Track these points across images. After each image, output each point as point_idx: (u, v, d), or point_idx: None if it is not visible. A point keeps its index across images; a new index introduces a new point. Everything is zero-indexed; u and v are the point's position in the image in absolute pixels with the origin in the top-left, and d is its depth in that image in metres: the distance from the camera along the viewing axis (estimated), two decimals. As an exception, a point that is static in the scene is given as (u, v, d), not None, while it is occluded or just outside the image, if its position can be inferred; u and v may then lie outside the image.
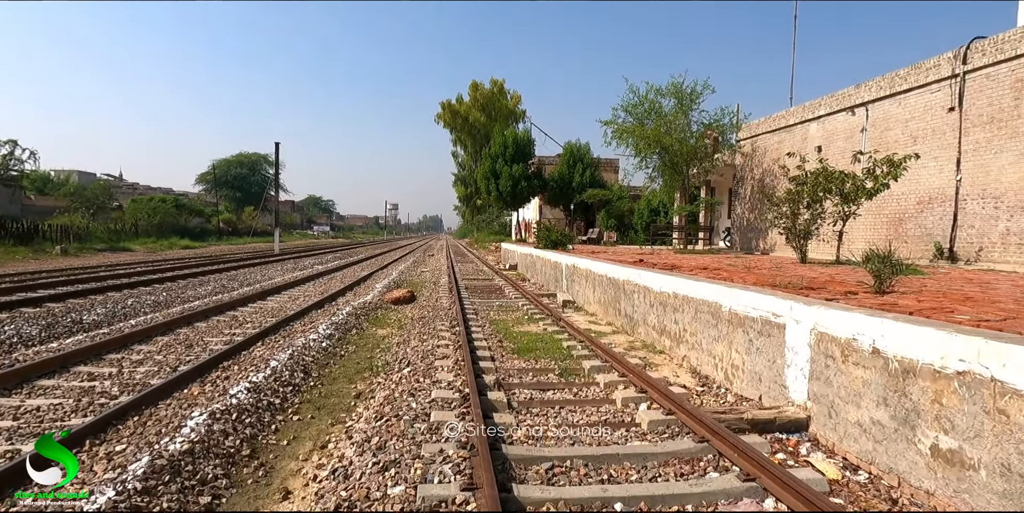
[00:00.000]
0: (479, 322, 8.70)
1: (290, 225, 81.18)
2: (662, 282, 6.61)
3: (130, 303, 9.87)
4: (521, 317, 9.37)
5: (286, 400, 4.95)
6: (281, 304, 10.60)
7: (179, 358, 6.16)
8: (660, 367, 5.93)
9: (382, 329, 8.67)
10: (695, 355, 5.73)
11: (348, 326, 8.49)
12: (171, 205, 39.39)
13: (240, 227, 51.17)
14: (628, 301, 7.79)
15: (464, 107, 48.87)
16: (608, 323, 8.65)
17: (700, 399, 4.83)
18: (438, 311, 9.70)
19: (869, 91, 12.48)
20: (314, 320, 8.78)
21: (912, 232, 11.26)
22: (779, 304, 4.29)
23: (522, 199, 29.63)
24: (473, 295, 12.43)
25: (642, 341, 7.20)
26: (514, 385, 5.19)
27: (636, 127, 16.18)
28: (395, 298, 11.37)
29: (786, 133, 15.56)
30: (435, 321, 8.60)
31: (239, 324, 8.34)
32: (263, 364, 5.76)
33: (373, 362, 6.48)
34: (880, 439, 3.25)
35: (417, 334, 7.57)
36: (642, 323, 7.28)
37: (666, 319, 6.48)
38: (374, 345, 7.47)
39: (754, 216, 16.98)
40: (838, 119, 13.53)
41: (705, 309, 5.48)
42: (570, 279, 11.54)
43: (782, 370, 4.23)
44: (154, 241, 29.93)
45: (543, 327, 8.32)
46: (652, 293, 6.88)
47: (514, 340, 7.41)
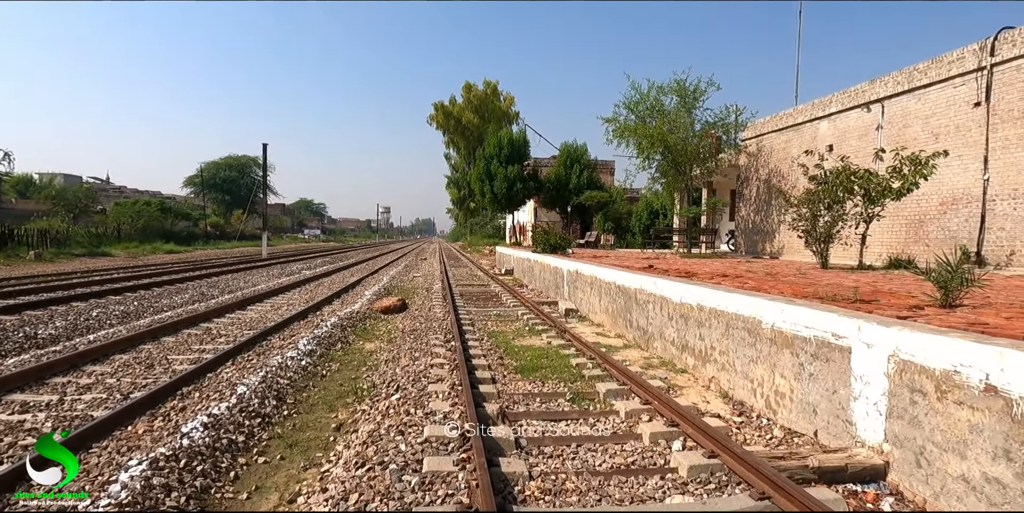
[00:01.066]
0: (476, 335, 7.95)
1: (280, 229, 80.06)
2: (683, 292, 5.89)
3: (95, 314, 9.04)
4: (521, 328, 8.63)
5: (252, 436, 4.18)
6: (262, 314, 9.80)
7: (135, 382, 5.37)
8: (685, 390, 5.21)
9: (370, 343, 7.91)
10: (726, 377, 5.01)
11: (332, 340, 7.72)
12: (156, 208, 38.31)
13: (228, 231, 50.11)
14: (641, 312, 7.07)
15: (457, 108, 48.22)
16: (618, 335, 7.93)
17: (741, 433, 4.11)
18: (431, 322, 8.95)
19: (885, 86, 11.87)
20: (295, 333, 8.00)
21: (934, 235, 10.63)
22: (842, 323, 3.58)
23: (517, 201, 28.89)
24: (468, 303, 11.68)
25: (659, 357, 6.48)
26: (520, 415, 4.44)
27: (639, 125, 15.50)
28: (385, 307, 10.60)
29: (794, 132, 14.95)
30: (428, 334, 7.84)
31: (211, 339, 7.55)
32: (229, 390, 4.98)
33: (358, 384, 5.71)
34: (1000, 502, 2.54)
35: (408, 350, 6.80)
36: (658, 337, 6.56)
37: (688, 334, 5.76)
38: (360, 362, 6.71)
39: (760, 218, 16.35)
40: (851, 117, 12.92)
41: (739, 325, 4.77)
42: (572, 286, 10.81)
43: (846, 403, 3.52)
44: (136, 245, 28.90)
45: (547, 340, 7.58)
46: (671, 304, 6.17)
47: (516, 356, 6.67)
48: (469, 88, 48.56)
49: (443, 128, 49.37)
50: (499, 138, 28.80)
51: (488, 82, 49.03)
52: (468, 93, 48.52)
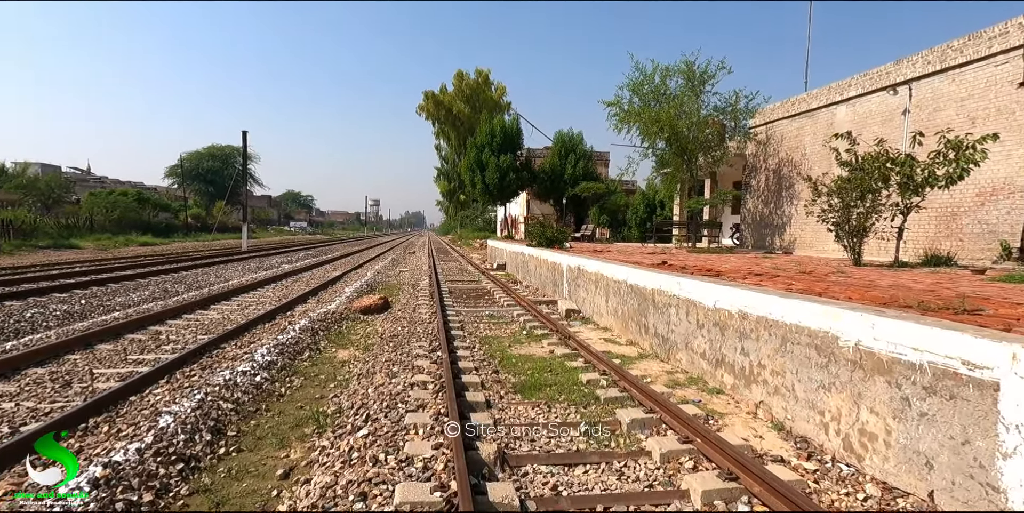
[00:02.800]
0: (466, 341, 6.90)
1: (265, 221, 78.36)
2: (718, 295, 4.87)
3: (28, 316, 7.88)
4: (518, 333, 7.59)
5: (165, 493, 3.11)
6: (225, 315, 8.68)
7: (36, 407, 4.27)
8: (727, 419, 4.19)
9: (344, 350, 6.83)
10: (780, 403, 4.00)
11: (300, 347, 6.63)
12: (132, 199, 36.69)
13: (211, 223, 48.55)
14: (660, 317, 6.05)
15: (448, 97, 46.85)
16: (630, 342, 6.91)
17: (821, 488, 3.09)
18: (415, 325, 7.87)
19: (913, 67, 10.89)
20: (256, 339, 6.89)
21: (969, 229, 9.71)
22: (979, 347, 2.56)
23: (510, 192, 27.66)
24: (458, 301, 10.62)
25: (684, 372, 5.46)
26: (525, 459, 3.40)
27: (645, 108, 14.42)
28: (365, 306, 9.51)
29: (807, 118, 13.96)
30: (411, 340, 6.77)
31: (156, 346, 6.43)
32: (149, 422, 3.90)
33: (322, 406, 4.65)
34: None
35: (385, 363, 5.73)
36: (682, 347, 5.54)
37: (726, 347, 4.74)
38: (329, 376, 5.64)
39: (768, 211, 15.40)
40: (872, 101, 11.94)
41: (802, 340, 3.75)
42: (573, 284, 9.78)
43: (988, 460, 2.51)
44: (108, 238, 27.44)
45: (548, 348, 6.55)
46: (701, 309, 5.14)
47: (514, 369, 5.64)
48: (460, 77, 47.18)
49: (433, 118, 48.00)
50: (491, 126, 27.50)
51: (480, 71, 47.67)
52: (459, 82, 47.13)
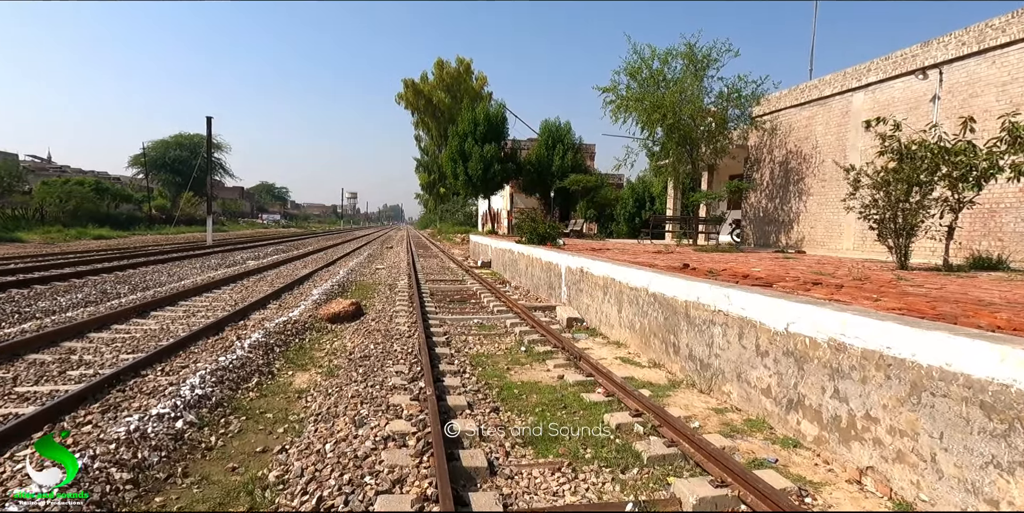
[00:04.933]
0: (454, 362, 5.66)
1: (237, 213, 75.68)
2: (792, 314, 3.70)
3: (-89, 328, 6.40)
4: (515, 349, 6.38)
5: None
6: (165, 324, 7.29)
7: None
8: (824, 491, 3.03)
9: (303, 374, 5.54)
10: (907, 475, 2.85)
11: (247, 371, 5.32)
12: (89, 189, 34.32)
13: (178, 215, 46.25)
14: (698, 336, 4.88)
15: (428, 87, 45.21)
16: (653, 363, 5.73)
17: None
18: (391, 340, 6.58)
19: (945, 49, 9.90)
20: (193, 360, 5.55)
21: (1011, 227, 8.77)
22: None
23: (495, 185, 26.22)
24: (441, 306, 9.36)
25: (736, 409, 4.29)
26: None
27: (645, 94, 13.23)
28: (333, 313, 8.19)
29: (819, 106, 12.95)
30: (386, 363, 5.49)
31: (59, 373, 5.04)
32: (-18, 519, 2.59)
33: (262, 471, 3.36)
34: None
35: (353, 400, 4.43)
36: (732, 378, 4.38)
37: (805, 385, 3.58)
38: (279, 416, 4.34)
39: (774, 206, 14.41)
40: (895, 87, 10.95)
41: (954, 391, 2.60)
42: (574, 288, 8.58)
43: None
44: (59, 230, 25.35)
45: (556, 371, 5.35)
46: (763, 332, 3.98)
47: (518, 405, 4.42)
48: (441, 65, 45.57)
49: (412, 107, 46.32)
50: (474, 114, 26.00)
51: (461, 60, 46.11)
52: (440, 71, 45.51)
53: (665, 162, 15.10)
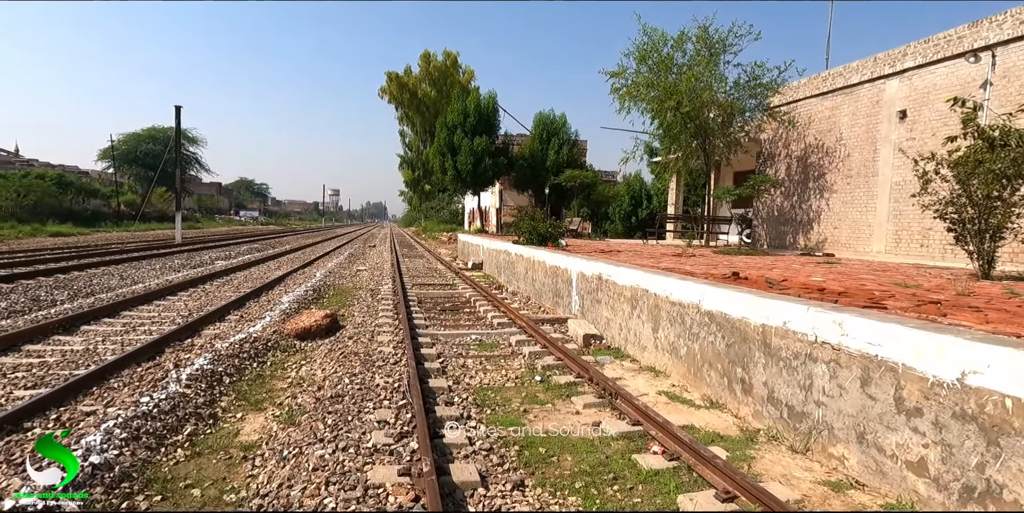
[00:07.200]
0: (454, 401, 4.38)
1: (214, 210, 73.24)
2: (968, 360, 2.49)
3: None
4: (527, 379, 5.11)
5: None
6: (93, 344, 5.89)
7: None
8: None
9: (256, 416, 4.22)
10: None
11: (180, 415, 3.98)
12: (51, 183, 32.24)
13: (148, 210, 44.11)
14: (784, 375, 3.66)
15: (413, 80, 43.71)
16: (708, 400, 4.48)
17: None
18: (372, 367, 5.26)
19: (1000, 28, 8.83)
20: (111, 399, 4.19)
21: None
22: None
23: (485, 180, 24.73)
24: (431, 318, 8.06)
25: (858, 484, 3.07)
26: None
27: (657, 80, 12.02)
28: (303, 328, 6.83)
29: (844, 96, 11.88)
30: (364, 406, 4.18)
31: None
32: None
33: None
34: None
35: (313, 472, 3.11)
36: (853, 440, 3.16)
37: (1007, 473, 2.36)
38: (208, 496, 3.02)
39: (790, 204, 13.33)
40: (937, 72, 9.88)
41: None
42: (590, 297, 7.33)
43: None
44: (12, 227, 23.43)
45: (588, 416, 4.11)
46: (914, 380, 2.77)
47: (549, 477, 3.16)
48: (427, 58, 44.09)
49: (396, 102, 44.76)
50: (465, 104, 24.53)
51: (448, 53, 44.66)
52: (426, 64, 44.03)
53: (672, 157, 13.92)
